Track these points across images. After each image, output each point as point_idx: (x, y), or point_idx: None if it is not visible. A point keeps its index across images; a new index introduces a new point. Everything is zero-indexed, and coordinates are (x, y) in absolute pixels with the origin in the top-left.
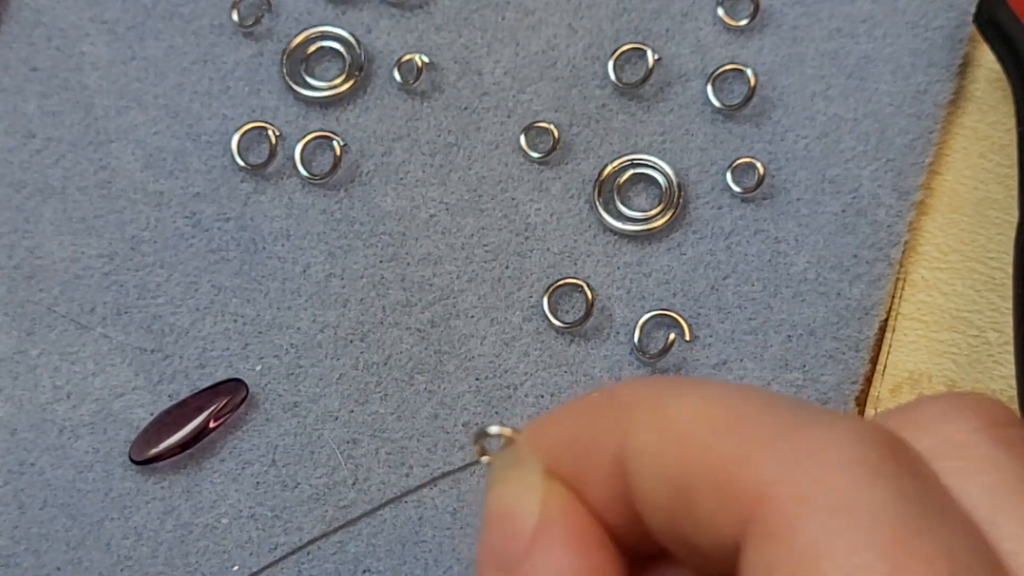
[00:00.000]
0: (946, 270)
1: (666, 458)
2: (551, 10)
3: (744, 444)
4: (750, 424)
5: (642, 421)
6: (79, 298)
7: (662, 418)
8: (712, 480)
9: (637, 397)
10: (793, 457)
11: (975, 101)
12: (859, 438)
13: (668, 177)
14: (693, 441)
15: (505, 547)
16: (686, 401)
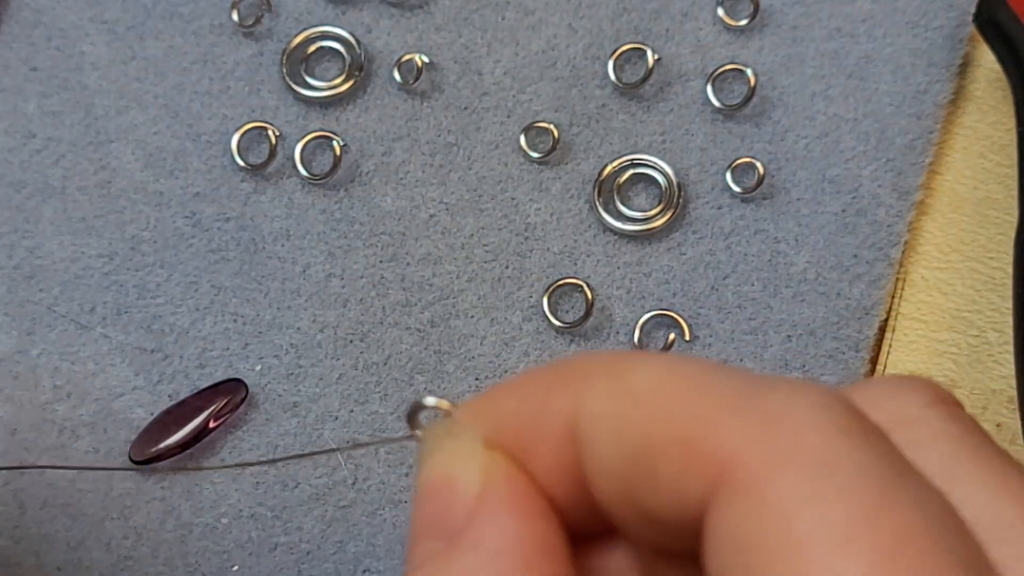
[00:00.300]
0: (946, 270)
1: (624, 424)
2: (551, 10)
3: (710, 408)
4: (713, 389)
5: (597, 388)
6: (79, 298)
7: (619, 384)
8: (676, 444)
9: (591, 365)
10: (762, 418)
11: (975, 101)
12: (826, 402)
13: (668, 177)
14: (654, 406)
15: (445, 515)
16: (644, 368)
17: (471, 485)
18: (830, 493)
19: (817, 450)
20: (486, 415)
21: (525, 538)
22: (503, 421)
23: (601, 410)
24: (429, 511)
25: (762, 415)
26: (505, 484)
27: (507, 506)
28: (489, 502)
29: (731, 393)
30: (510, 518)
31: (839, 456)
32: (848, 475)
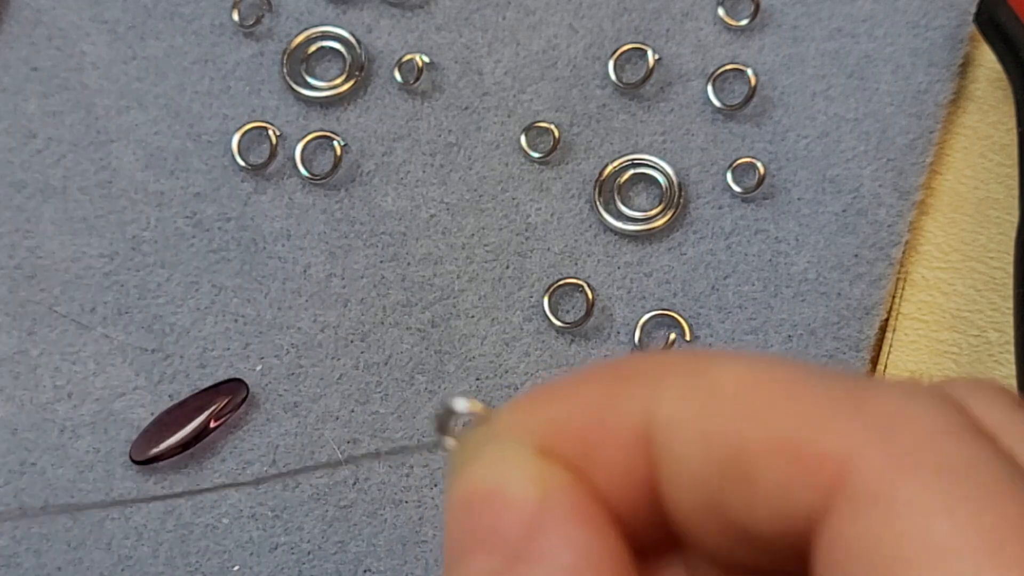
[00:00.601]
0: (947, 270)
1: (713, 426)
2: (552, 10)
3: (815, 409)
4: (814, 389)
5: (677, 387)
6: (80, 298)
7: (703, 383)
8: (779, 448)
9: (665, 363)
10: (878, 421)
11: (976, 101)
12: (939, 403)
13: (668, 177)
14: (748, 406)
15: (497, 529)
16: (729, 366)
17: (528, 495)
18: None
19: (947, 454)
20: (533, 419)
21: (595, 552)
22: (556, 426)
23: (684, 411)
24: (476, 525)
25: (877, 417)
26: (565, 494)
27: (572, 517)
28: (551, 513)
29: (836, 393)
30: (577, 530)
31: (971, 461)
32: (986, 481)
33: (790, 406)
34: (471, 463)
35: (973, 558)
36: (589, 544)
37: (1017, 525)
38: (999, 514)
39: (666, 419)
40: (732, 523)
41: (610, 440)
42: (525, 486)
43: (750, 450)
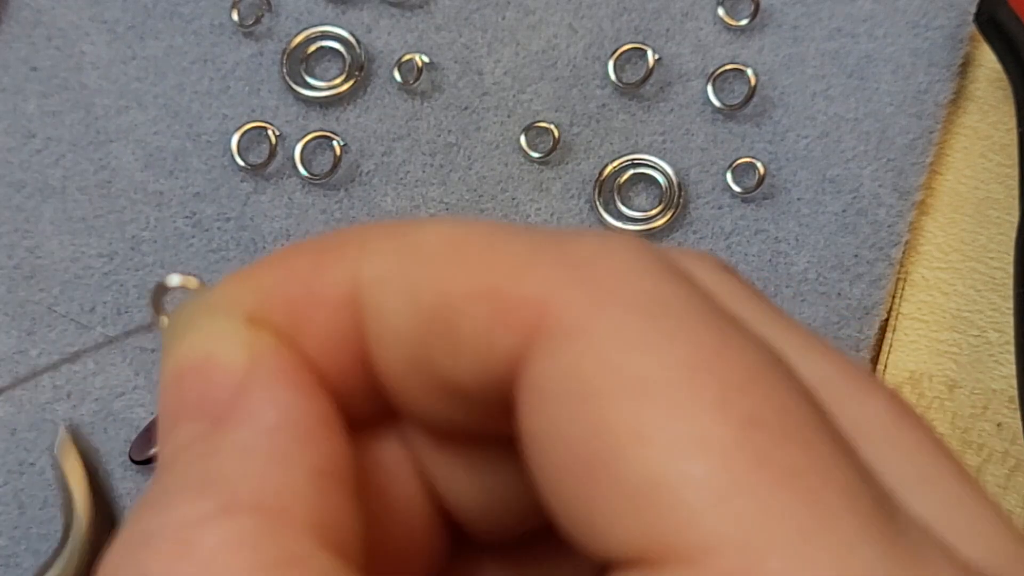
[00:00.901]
0: (947, 270)
1: (416, 282)
2: (551, 10)
3: (515, 256)
4: (515, 240)
5: (381, 249)
6: (79, 298)
7: (407, 242)
8: (480, 296)
9: (370, 230)
10: (576, 261)
11: (976, 101)
12: (637, 245)
13: (668, 177)
14: (450, 260)
15: (205, 395)
16: (432, 228)
17: (236, 361)
18: (666, 331)
19: (644, 290)
20: (246, 290)
21: (303, 411)
22: (266, 295)
23: (388, 271)
24: (185, 394)
25: (576, 258)
26: (274, 359)
27: (279, 380)
28: (258, 377)
29: (536, 242)
30: (284, 391)
31: (668, 296)
32: (682, 314)
33: (490, 256)
34: (181, 336)
35: (666, 388)
36: (295, 404)
37: (709, 354)
38: (693, 344)
39: (371, 279)
40: (439, 379)
41: (318, 306)
42: (233, 352)
43: (452, 300)
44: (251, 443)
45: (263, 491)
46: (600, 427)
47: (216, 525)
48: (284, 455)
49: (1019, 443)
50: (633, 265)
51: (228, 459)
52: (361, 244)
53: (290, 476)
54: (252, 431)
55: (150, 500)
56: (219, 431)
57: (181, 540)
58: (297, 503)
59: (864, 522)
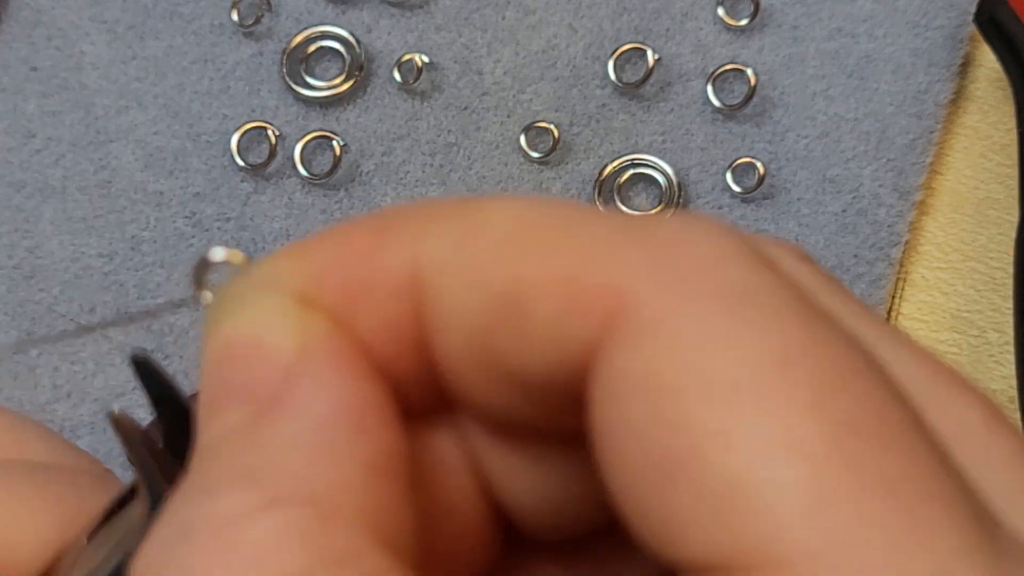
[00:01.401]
0: (947, 270)
1: (483, 265)
2: (551, 10)
3: (592, 244)
4: (592, 222)
5: (444, 229)
6: (79, 298)
7: (473, 225)
8: (554, 281)
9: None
10: (658, 248)
11: (976, 101)
12: (724, 231)
13: (668, 177)
14: (521, 244)
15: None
16: (500, 207)
17: (287, 344)
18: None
19: (730, 280)
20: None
21: (356, 402)
22: (320, 273)
23: (452, 252)
24: (231, 377)
25: (658, 245)
26: (327, 344)
27: (331, 367)
28: (309, 363)
29: (614, 227)
30: (337, 380)
31: (756, 287)
32: (771, 307)
33: (565, 241)
34: (228, 315)
35: (754, 387)
36: (347, 394)
37: (801, 351)
38: (783, 339)
39: (433, 262)
40: (504, 369)
41: (375, 288)
42: (284, 335)
43: (522, 287)
44: (301, 434)
45: (314, 484)
46: (681, 426)
47: (264, 518)
48: (336, 448)
49: None
50: (719, 253)
51: (276, 450)
52: (424, 223)
53: (342, 470)
54: (302, 422)
55: (190, 491)
56: (267, 419)
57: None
58: (349, 498)
59: (965, 538)
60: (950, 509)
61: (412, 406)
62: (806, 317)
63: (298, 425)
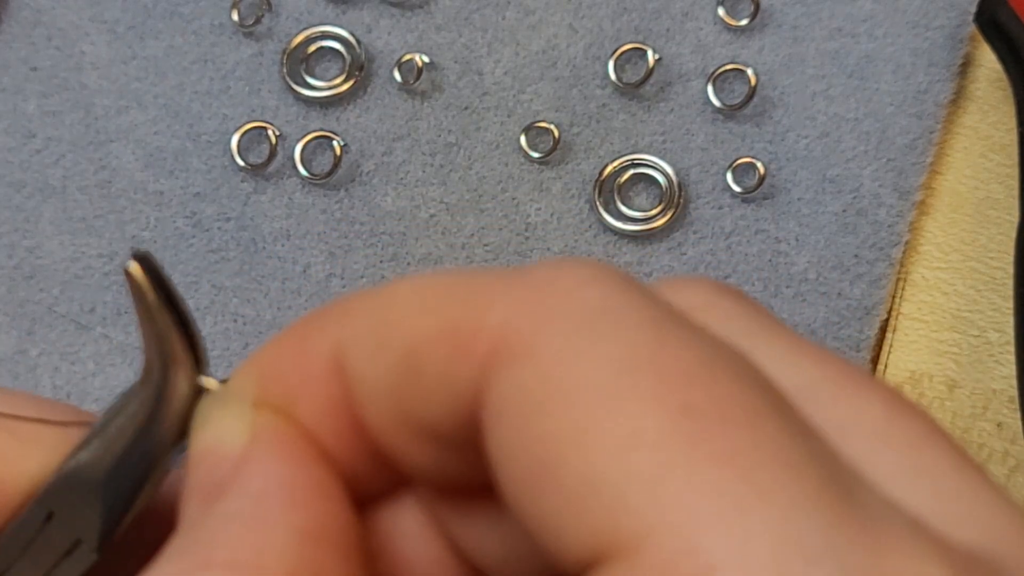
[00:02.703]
0: (947, 270)
1: (387, 334)
2: (552, 10)
3: (472, 292)
4: (475, 279)
5: (357, 310)
6: (79, 298)
7: (378, 301)
8: (440, 334)
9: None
10: (529, 288)
11: (976, 101)
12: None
13: (668, 177)
14: (414, 309)
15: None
16: (403, 282)
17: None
18: (605, 336)
19: (587, 301)
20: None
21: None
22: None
23: (362, 329)
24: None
25: (528, 285)
26: (272, 434)
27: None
28: (254, 452)
29: (495, 277)
30: (276, 462)
31: (611, 304)
32: (622, 320)
33: (450, 297)
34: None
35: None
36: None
37: (646, 352)
38: (629, 344)
39: (349, 339)
40: (418, 425)
41: (308, 378)
42: (236, 435)
43: (416, 344)
44: (236, 509)
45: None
46: (544, 436)
47: None
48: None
49: (1019, 443)
50: (582, 281)
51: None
52: (342, 311)
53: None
54: (239, 499)
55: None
56: (213, 502)
57: None
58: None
59: (808, 494)
60: (794, 471)
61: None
62: (656, 324)
63: (236, 502)
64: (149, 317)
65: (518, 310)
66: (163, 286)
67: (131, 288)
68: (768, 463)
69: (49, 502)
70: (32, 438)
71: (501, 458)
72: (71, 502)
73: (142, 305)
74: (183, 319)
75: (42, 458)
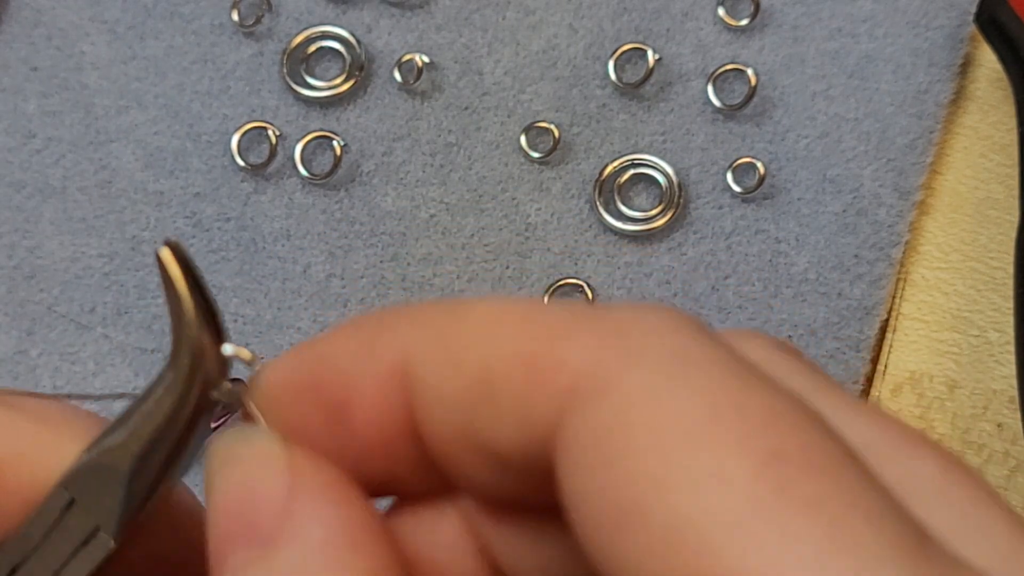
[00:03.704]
0: (947, 270)
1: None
2: (552, 10)
3: (552, 326)
4: (554, 312)
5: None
6: (79, 298)
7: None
8: (519, 363)
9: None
10: (609, 328)
11: (976, 101)
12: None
13: (668, 177)
14: (493, 332)
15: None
16: (478, 304)
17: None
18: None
19: (671, 346)
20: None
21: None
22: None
23: (435, 345)
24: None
25: (609, 325)
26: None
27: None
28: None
29: (573, 313)
30: (328, 506)
31: (694, 351)
32: (706, 366)
33: (529, 326)
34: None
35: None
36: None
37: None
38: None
39: (420, 353)
40: (484, 446)
41: (370, 379)
42: (274, 479)
43: (492, 369)
44: (304, 559)
45: None
46: (627, 477)
47: None
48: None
49: (1020, 443)
50: (663, 327)
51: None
52: (411, 321)
53: None
54: (303, 548)
55: None
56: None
57: None
58: None
59: (889, 545)
60: (875, 521)
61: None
62: (738, 373)
63: (300, 552)
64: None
65: (601, 349)
66: (191, 272)
67: (161, 272)
68: (851, 512)
69: (72, 488)
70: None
71: (577, 494)
72: (93, 488)
73: (171, 289)
74: (209, 305)
75: (73, 446)
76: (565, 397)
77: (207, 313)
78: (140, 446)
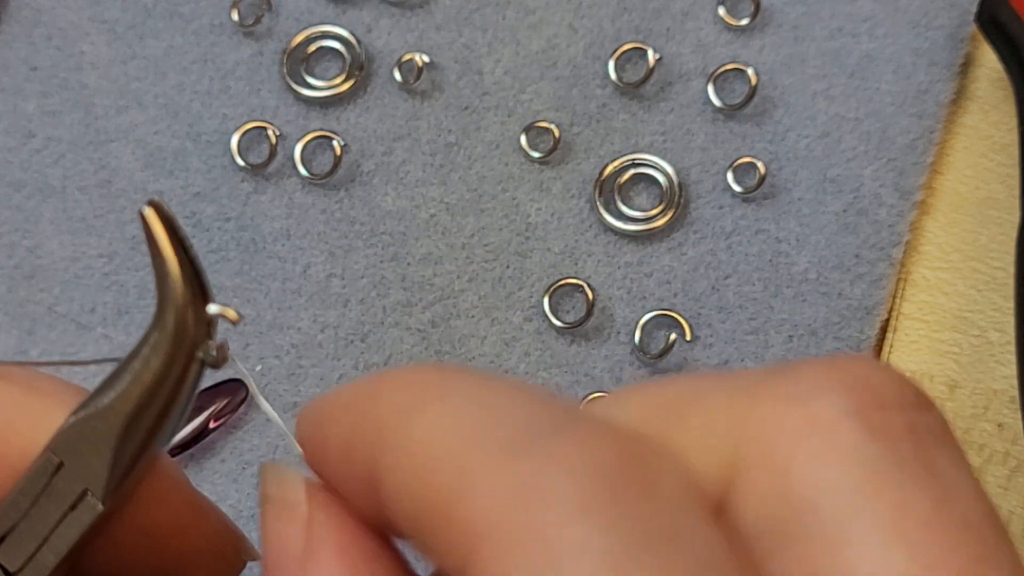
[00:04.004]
0: (948, 270)
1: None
2: (552, 9)
3: (467, 474)
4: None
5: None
6: (79, 298)
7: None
8: (437, 514)
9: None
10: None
11: (977, 100)
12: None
13: (669, 177)
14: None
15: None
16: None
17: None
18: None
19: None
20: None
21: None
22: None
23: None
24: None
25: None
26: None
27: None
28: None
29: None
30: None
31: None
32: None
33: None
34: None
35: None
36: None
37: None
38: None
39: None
40: None
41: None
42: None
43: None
44: None
45: None
46: None
47: None
48: None
49: (1020, 444)
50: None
51: None
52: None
53: None
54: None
55: None
56: None
57: None
58: None
59: None
60: None
61: None
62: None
63: None
64: (161, 260)
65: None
66: (175, 232)
67: (145, 232)
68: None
69: (60, 452)
70: (51, 392)
71: None
72: (82, 451)
73: (155, 248)
74: (194, 264)
75: (61, 414)
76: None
77: (192, 272)
78: (128, 407)
